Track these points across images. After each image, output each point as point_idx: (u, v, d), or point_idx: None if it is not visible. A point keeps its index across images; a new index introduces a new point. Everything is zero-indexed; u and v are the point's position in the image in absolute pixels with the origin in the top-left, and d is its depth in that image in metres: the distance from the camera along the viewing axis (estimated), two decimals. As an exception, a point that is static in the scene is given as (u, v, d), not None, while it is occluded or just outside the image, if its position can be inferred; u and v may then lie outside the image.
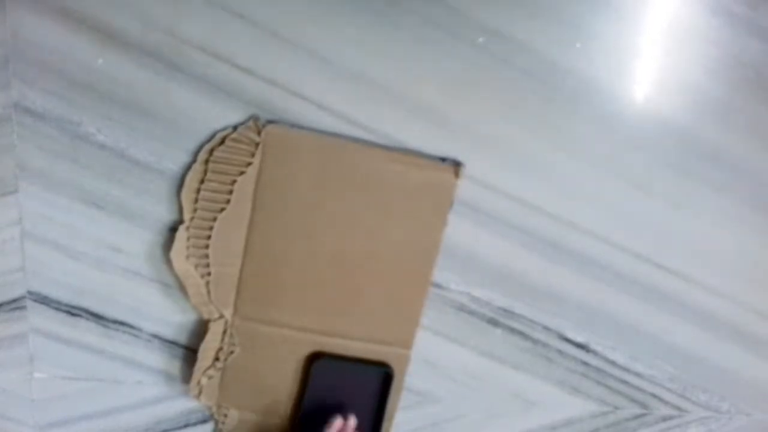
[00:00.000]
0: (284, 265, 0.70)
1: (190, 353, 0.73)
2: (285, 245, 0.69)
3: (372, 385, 0.73)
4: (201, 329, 0.72)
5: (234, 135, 0.66)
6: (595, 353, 0.78)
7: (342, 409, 0.71)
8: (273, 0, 0.64)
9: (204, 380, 0.72)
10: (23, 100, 0.65)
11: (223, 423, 0.75)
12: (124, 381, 0.74)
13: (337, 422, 0.70)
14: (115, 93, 0.66)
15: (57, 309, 0.71)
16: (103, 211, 0.69)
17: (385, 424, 0.73)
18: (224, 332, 0.71)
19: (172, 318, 0.72)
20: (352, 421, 0.71)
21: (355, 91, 0.67)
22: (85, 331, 0.72)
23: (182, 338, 0.73)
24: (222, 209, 0.68)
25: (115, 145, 0.67)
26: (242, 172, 0.67)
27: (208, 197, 0.67)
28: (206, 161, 0.67)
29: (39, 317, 0.71)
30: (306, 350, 0.72)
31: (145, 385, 0.75)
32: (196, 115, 0.67)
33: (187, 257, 0.68)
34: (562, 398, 0.79)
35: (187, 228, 0.68)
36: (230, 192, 0.67)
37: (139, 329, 0.73)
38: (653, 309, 0.76)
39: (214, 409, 0.74)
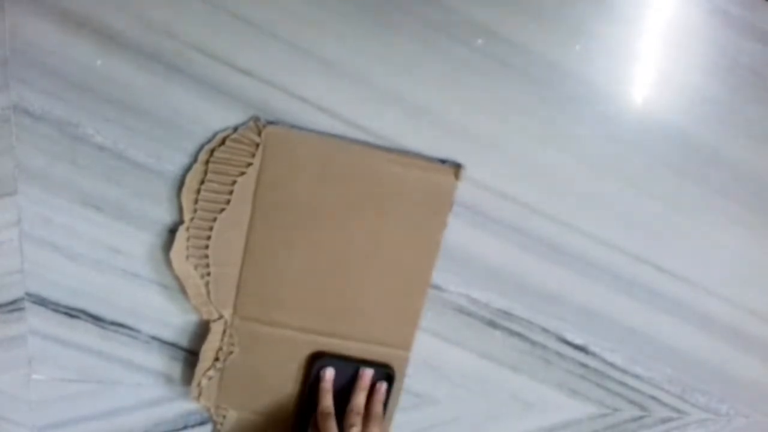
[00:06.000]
0: (284, 265, 0.70)
1: (189, 355, 0.73)
2: (285, 246, 0.69)
3: (373, 385, 0.73)
4: (200, 331, 0.72)
5: (234, 135, 0.66)
6: (594, 355, 0.78)
7: (342, 410, 0.70)
8: (272, 1, 0.64)
9: (204, 381, 0.72)
10: (22, 101, 0.65)
11: (222, 424, 0.74)
12: (122, 383, 0.74)
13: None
14: (114, 94, 0.66)
15: (55, 310, 0.71)
16: (102, 212, 0.69)
17: (385, 425, 0.73)
18: (224, 332, 0.71)
19: (171, 320, 0.72)
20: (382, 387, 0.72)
21: (355, 92, 0.67)
22: (84, 333, 0.72)
23: (181, 340, 0.73)
24: (222, 209, 0.68)
25: (114, 146, 0.67)
26: (242, 173, 0.67)
27: (208, 197, 0.67)
28: (206, 161, 0.67)
29: (37, 319, 0.71)
30: (305, 351, 0.72)
31: (143, 386, 0.74)
32: (194, 116, 0.67)
33: (187, 258, 0.68)
34: (561, 400, 0.79)
35: (187, 228, 0.68)
36: (230, 192, 0.67)
37: (138, 331, 0.73)
38: (652, 311, 0.76)
39: (213, 410, 0.74)
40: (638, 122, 0.70)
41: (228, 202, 0.67)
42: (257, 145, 0.67)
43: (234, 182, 0.67)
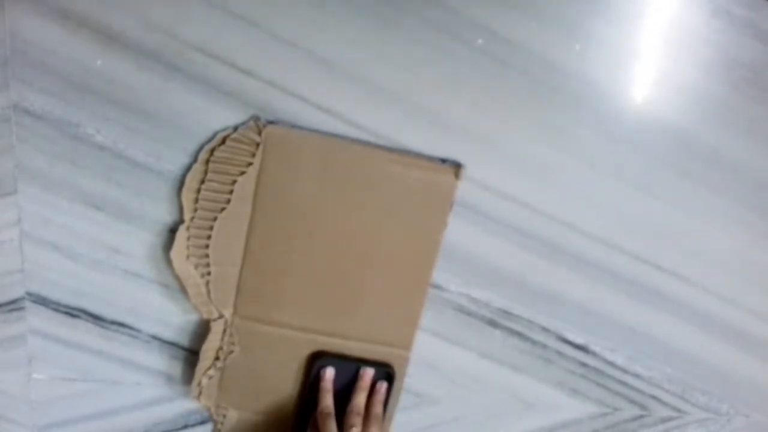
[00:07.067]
0: (284, 265, 0.70)
1: (189, 354, 0.73)
2: (285, 245, 0.69)
3: (373, 385, 0.73)
4: (200, 330, 0.72)
5: (235, 135, 0.66)
6: (594, 354, 0.78)
7: (342, 409, 0.70)
8: (273, 1, 0.64)
9: (204, 381, 0.72)
10: (22, 101, 0.65)
11: (222, 423, 0.75)
12: (122, 382, 0.74)
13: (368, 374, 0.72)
14: (114, 94, 0.66)
15: (56, 310, 0.71)
16: (102, 212, 0.69)
17: (385, 425, 0.73)
18: (224, 332, 0.71)
19: (171, 319, 0.72)
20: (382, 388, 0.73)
21: (355, 92, 0.67)
22: (84, 332, 0.72)
23: (181, 339, 0.73)
24: (222, 209, 0.68)
25: (114, 146, 0.67)
26: (243, 172, 0.67)
27: (209, 197, 0.67)
28: (207, 161, 0.67)
29: (38, 318, 0.71)
30: (305, 350, 0.72)
31: (144, 386, 0.74)
32: (194, 116, 0.67)
33: (187, 257, 0.68)
34: (561, 399, 0.79)
35: (187, 228, 0.68)
36: (230, 192, 0.67)
37: (138, 330, 0.73)
38: (652, 310, 0.76)
39: (213, 410, 0.74)
40: (638, 122, 0.70)
41: (228, 201, 0.67)
42: (257, 144, 0.67)
43: (234, 182, 0.67)
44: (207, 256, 0.68)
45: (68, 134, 0.66)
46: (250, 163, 0.67)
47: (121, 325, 0.72)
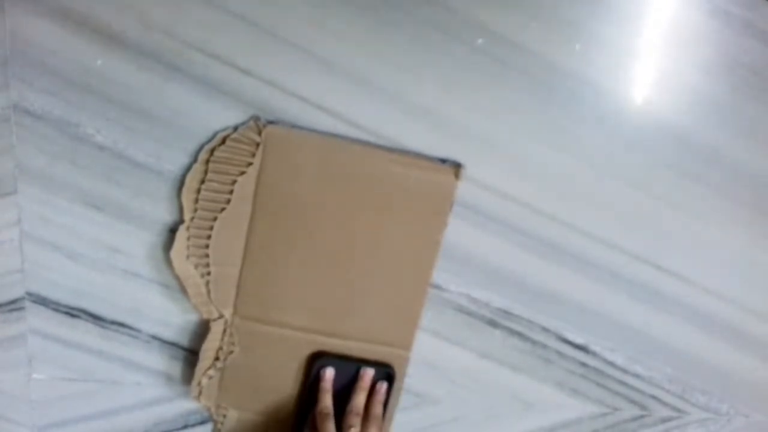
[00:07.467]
0: (284, 265, 0.70)
1: (189, 354, 0.73)
2: (285, 245, 0.69)
3: (373, 385, 0.73)
4: (200, 330, 0.72)
5: (235, 135, 0.66)
6: (594, 354, 0.78)
7: (343, 409, 0.70)
8: (273, 1, 0.64)
9: (204, 381, 0.72)
10: (22, 101, 0.65)
11: (222, 423, 0.75)
12: (122, 382, 0.74)
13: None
14: (114, 94, 0.66)
15: (56, 310, 0.71)
16: (102, 211, 0.69)
17: (385, 425, 0.73)
18: (224, 332, 0.71)
19: (171, 319, 0.72)
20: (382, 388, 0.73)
21: (355, 92, 0.67)
22: (84, 333, 0.72)
23: (181, 339, 0.73)
24: (222, 209, 0.68)
25: (114, 146, 0.67)
26: (243, 172, 0.67)
27: (209, 197, 0.67)
28: (207, 161, 0.67)
29: (38, 318, 0.71)
30: (305, 350, 0.72)
31: (144, 386, 0.74)
32: (194, 116, 0.67)
33: (187, 257, 0.68)
34: (561, 399, 0.79)
35: (187, 228, 0.68)
36: (230, 192, 0.67)
37: (138, 330, 0.73)
38: (652, 310, 0.76)
39: (213, 410, 0.74)
40: (638, 122, 0.70)
41: (228, 201, 0.67)
42: (257, 144, 0.67)
43: (234, 182, 0.67)
44: (207, 256, 0.68)
45: (68, 134, 0.66)
46: (250, 163, 0.67)
47: (121, 325, 0.72)
